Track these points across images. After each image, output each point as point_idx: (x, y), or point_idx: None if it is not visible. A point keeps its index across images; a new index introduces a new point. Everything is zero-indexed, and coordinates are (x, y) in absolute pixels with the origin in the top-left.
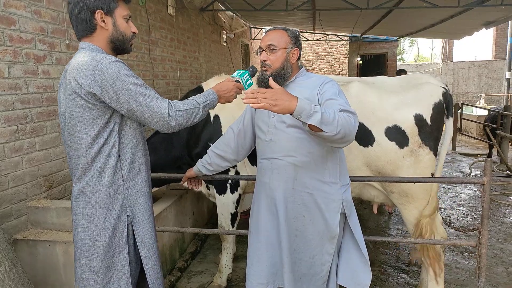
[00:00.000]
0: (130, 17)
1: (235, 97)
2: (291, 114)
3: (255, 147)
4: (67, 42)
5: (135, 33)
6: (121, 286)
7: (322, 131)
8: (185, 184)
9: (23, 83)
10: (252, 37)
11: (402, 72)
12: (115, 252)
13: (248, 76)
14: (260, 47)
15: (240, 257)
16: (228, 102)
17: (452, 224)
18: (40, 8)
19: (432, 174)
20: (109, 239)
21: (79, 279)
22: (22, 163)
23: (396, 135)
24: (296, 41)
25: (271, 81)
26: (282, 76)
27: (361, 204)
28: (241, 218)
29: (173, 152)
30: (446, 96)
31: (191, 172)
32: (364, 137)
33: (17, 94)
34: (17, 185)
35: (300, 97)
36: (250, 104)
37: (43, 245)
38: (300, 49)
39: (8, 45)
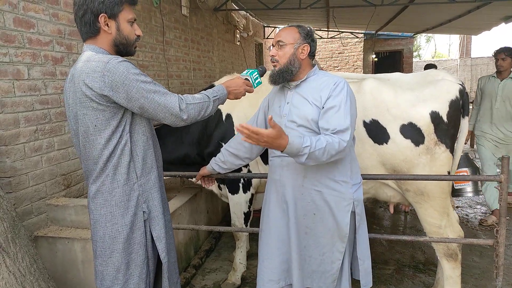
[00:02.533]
0: (135, 20)
1: (244, 94)
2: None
3: None
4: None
5: (139, 36)
6: (141, 281)
7: None
8: (199, 182)
9: (42, 85)
10: (266, 36)
11: (431, 66)
12: (133, 248)
13: (257, 75)
14: (272, 44)
15: (254, 255)
16: (237, 98)
17: (469, 222)
18: (57, 11)
19: (449, 173)
20: (127, 236)
21: (100, 277)
22: (41, 162)
23: (412, 132)
24: (307, 37)
25: (269, 120)
26: (289, 72)
27: (376, 203)
28: (254, 216)
29: (182, 149)
30: (463, 93)
31: (205, 170)
32: (379, 134)
33: (36, 95)
34: (37, 184)
35: (291, 140)
36: (241, 138)
37: (62, 242)
38: (311, 46)
39: (28, 47)
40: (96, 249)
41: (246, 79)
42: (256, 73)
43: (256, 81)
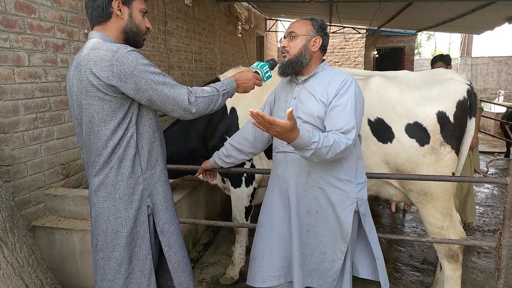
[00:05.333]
0: (146, 12)
1: (253, 88)
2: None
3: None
4: (86, 31)
5: (149, 28)
6: (144, 276)
7: None
8: (200, 176)
9: (42, 72)
10: (267, 29)
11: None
12: (136, 243)
13: (268, 68)
14: (284, 35)
15: None
16: (246, 92)
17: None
18: None
19: (453, 174)
20: (130, 230)
21: (102, 271)
22: (40, 151)
23: (417, 132)
24: (320, 30)
25: (289, 113)
26: (299, 63)
27: (375, 201)
28: (254, 211)
29: (190, 144)
30: (471, 93)
31: (207, 164)
32: (384, 133)
33: (36, 83)
34: (35, 173)
35: (301, 133)
36: (252, 122)
37: (60, 233)
38: (323, 39)
39: (29, 33)
40: (97, 242)
41: (256, 72)
42: (266, 66)
43: (266, 75)
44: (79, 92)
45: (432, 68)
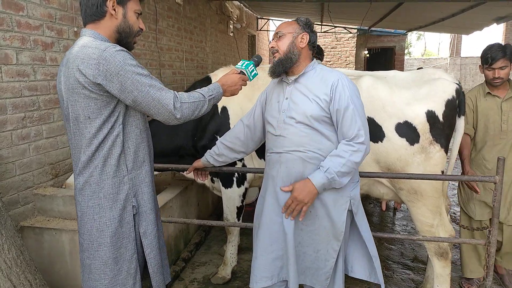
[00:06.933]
0: (140, 14)
1: (241, 89)
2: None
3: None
4: (75, 29)
5: (142, 29)
6: (130, 276)
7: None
8: (190, 175)
9: (31, 70)
10: (259, 28)
11: None
12: (122, 243)
13: (253, 67)
14: (272, 37)
15: (244, 249)
16: (233, 95)
17: (458, 221)
18: None
19: (443, 172)
20: (115, 230)
21: (88, 270)
22: (29, 151)
23: (407, 131)
24: (305, 27)
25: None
26: (288, 60)
27: (366, 200)
28: (246, 210)
29: (176, 141)
30: (459, 93)
31: (199, 163)
32: (374, 132)
33: (25, 81)
34: (24, 173)
35: (312, 177)
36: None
37: (49, 233)
38: (311, 36)
39: (17, 31)
40: (83, 242)
41: (242, 72)
42: (252, 65)
43: (252, 74)
44: (66, 89)
45: None
